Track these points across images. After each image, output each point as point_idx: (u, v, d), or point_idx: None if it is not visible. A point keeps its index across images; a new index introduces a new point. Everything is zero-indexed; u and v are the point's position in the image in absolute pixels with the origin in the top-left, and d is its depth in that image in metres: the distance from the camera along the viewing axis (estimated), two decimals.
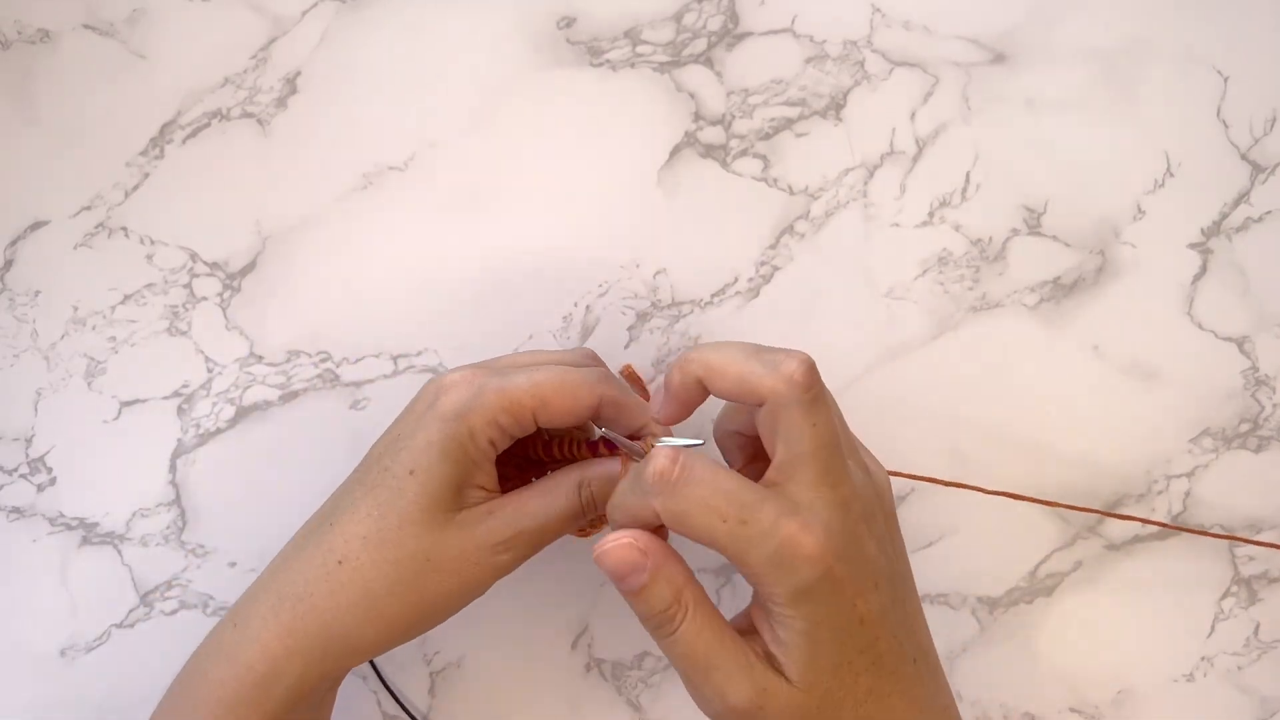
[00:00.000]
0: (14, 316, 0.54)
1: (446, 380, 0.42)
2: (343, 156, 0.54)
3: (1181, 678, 0.53)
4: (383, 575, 0.40)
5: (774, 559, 0.37)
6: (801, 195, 0.55)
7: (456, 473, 0.41)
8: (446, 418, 0.41)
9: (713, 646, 0.38)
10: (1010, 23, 0.55)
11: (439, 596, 0.42)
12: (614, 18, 0.55)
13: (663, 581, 0.38)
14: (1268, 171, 0.55)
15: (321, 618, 0.40)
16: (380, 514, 0.41)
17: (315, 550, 0.41)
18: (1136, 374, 0.54)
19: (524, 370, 0.42)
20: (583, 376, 0.42)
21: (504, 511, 0.42)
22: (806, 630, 0.38)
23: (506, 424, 0.41)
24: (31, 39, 0.54)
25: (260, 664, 0.40)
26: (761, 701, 0.38)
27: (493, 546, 0.42)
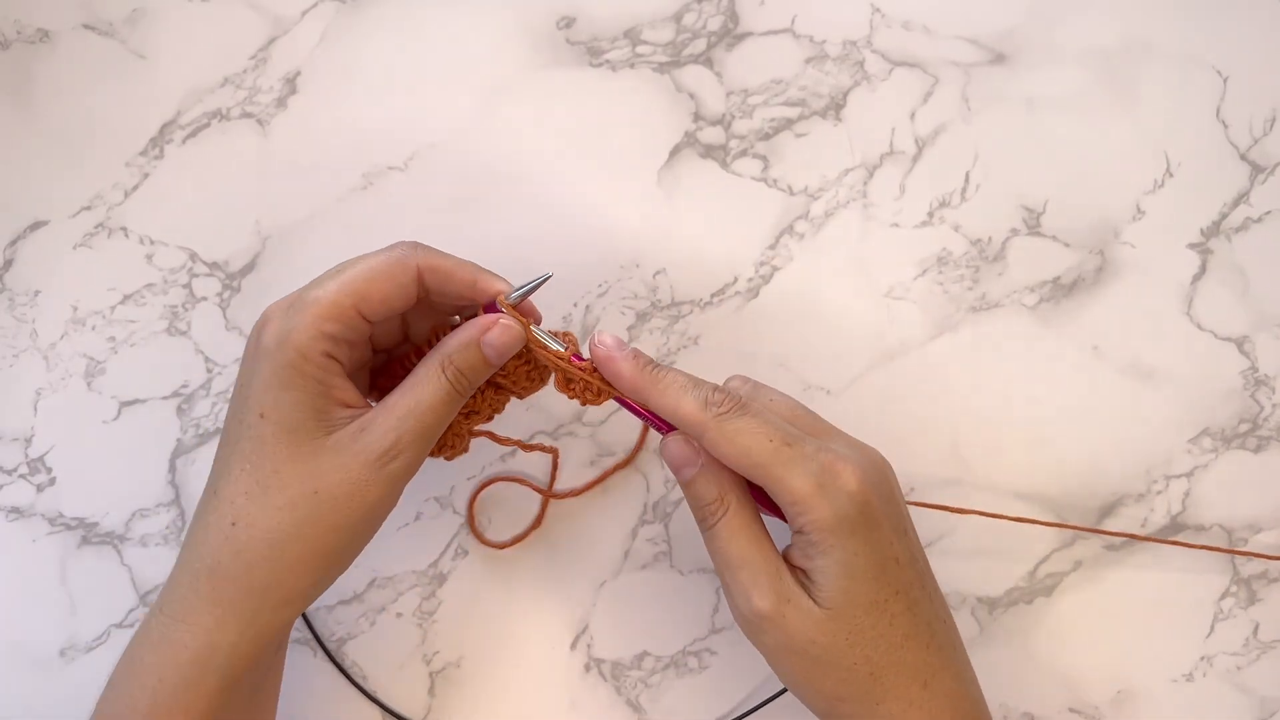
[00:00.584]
0: (14, 316, 0.54)
1: (264, 313, 0.41)
2: (343, 156, 0.54)
3: (1181, 678, 0.53)
4: (278, 522, 0.40)
5: (818, 482, 0.39)
6: (801, 195, 0.55)
7: (306, 398, 0.40)
8: (271, 350, 0.40)
9: (746, 548, 0.41)
10: (1010, 23, 0.55)
11: (345, 525, 0.40)
12: (614, 18, 0.55)
13: (708, 478, 0.42)
14: (1267, 172, 0.55)
15: (237, 581, 0.40)
16: (252, 465, 0.40)
17: (210, 520, 0.40)
18: (1136, 374, 0.54)
19: (334, 274, 0.41)
20: (392, 256, 0.41)
21: (376, 422, 0.41)
22: (843, 560, 0.39)
23: (333, 330, 0.40)
24: (31, 39, 0.54)
25: (192, 640, 0.40)
26: (784, 610, 0.40)
27: (377, 459, 0.40)
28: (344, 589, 0.53)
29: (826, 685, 0.40)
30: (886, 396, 0.54)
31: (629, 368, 0.42)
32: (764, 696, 0.53)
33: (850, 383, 0.54)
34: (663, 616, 0.53)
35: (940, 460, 0.54)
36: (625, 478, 0.54)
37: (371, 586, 0.53)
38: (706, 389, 0.41)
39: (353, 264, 0.42)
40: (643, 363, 0.42)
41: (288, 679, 0.53)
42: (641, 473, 0.54)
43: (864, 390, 0.54)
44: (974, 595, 0.54)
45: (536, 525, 0.53)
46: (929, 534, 0.53)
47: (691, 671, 0.53)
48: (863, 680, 0.40)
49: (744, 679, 0.53)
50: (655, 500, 0.54)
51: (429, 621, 0.53)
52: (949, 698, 0.41)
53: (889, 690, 0.40)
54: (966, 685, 0.43)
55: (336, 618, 0.53)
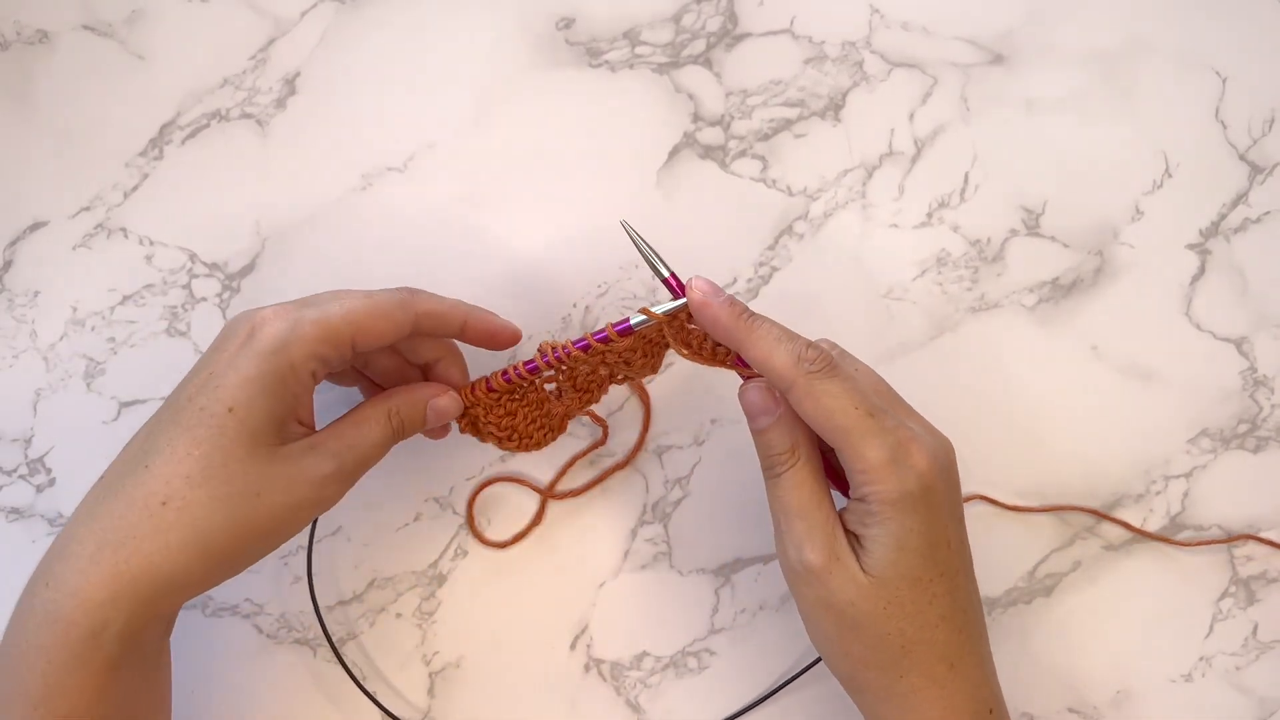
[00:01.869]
0: (13, 317, 0.54)
1: (260, 316, 0.42)
2: (343, 156, 0.54)
3: (1180, 678, 0.53)
4: (213, 512, 0.40)
5: (891, 456, 0.40)
6: (800, 196, 0.55)
7: (278, 407, 0.41)
8: (264, 353, 0.40)
9: (807, 501, 0.42)
10: (1009, 23, 0.55)
11: (270, 531, 0.41)
12: (613, 19, 0.55)
13: (784, 429, 0.43)
14: (1266, 172, 0.55)
15: (148, 559, 0.39)
16: (202, 452, 0.40)
17: (134, 493, 0.40)
18: (1135, 374, 0.54)
19: (336, 299, 0.43)
20: (394, 297, 0.43)
21: (325, 446, 0.42)
22: (899, 535, 0.40)
23: (327, 354, 0.42)
24: (31, 39, 0.54)
25: (84, 618, 0.39)
26: (832, 568, 0.41)
27: (319, 482, 0.42)
28: (344, 589, 0.53)
29: (856, 649, 0.42)
30: None
31: (725, 314, 0.42)
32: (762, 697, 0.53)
33: None
34: (662, 617, 0.53)
35: None
36: (625, 478, 0.54)
37: (371, 587, 0.53)
38: (800, 344, 0.42)
39: (357, 295, 0.43)
40: (739, 310, 0.42)
41: (288, 679, 0.53)
42: (641, 473, 0.54)
43: None
44: None
45: (536, 523, 0.53)
46: None
47: (691, 672, 0.53)
48: (892, 651, 0.41)
49: (744, 679, 0.53)
50: (655, 500, 0.54)
51: (429, 621, 0.53)
52: (970, 682, 0.42)
53: (915, 665, 0.41)
54: (988, 674, 0.43)
55: (336, 618, 0.53)
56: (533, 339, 0.54)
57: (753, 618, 0.53)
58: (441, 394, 0.46)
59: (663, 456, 0.54)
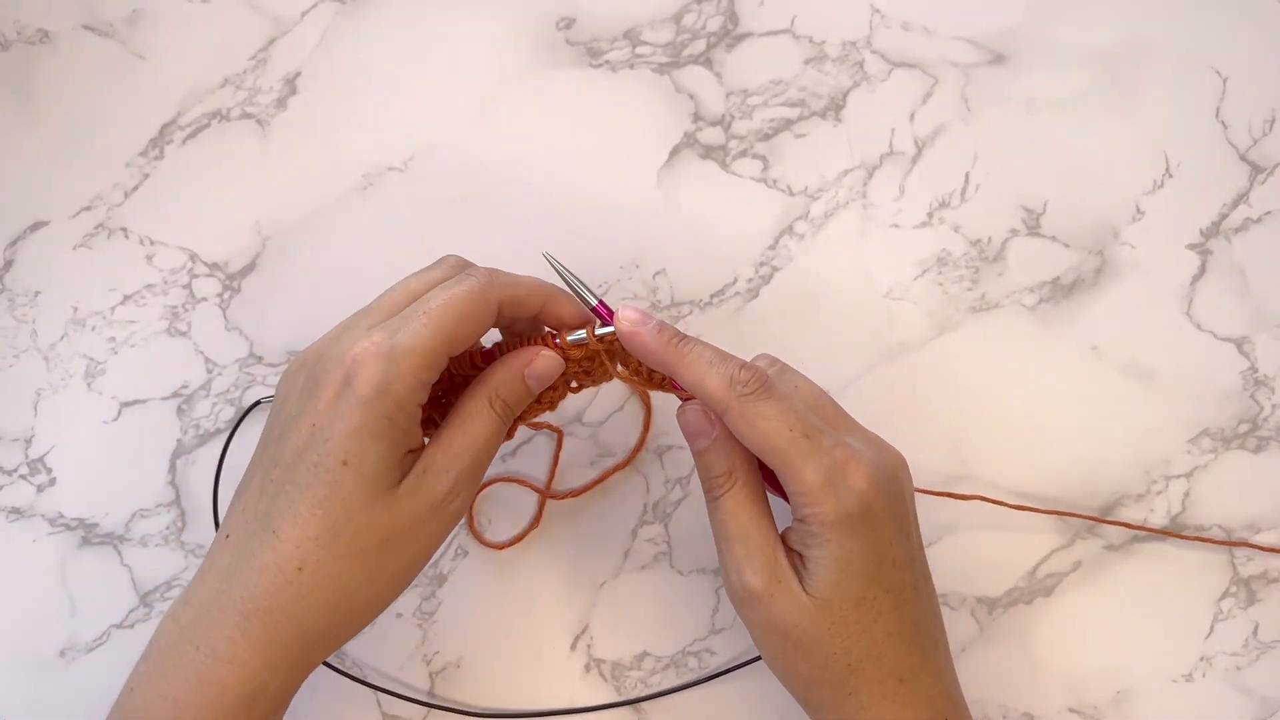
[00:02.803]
0: (14, 317, 0.54)
1: (351, 357, 0.39)
2: (343, 156, 0.54)
3: (1180, 678, 0.53)
4: (348, 570, 0.39)
5: (828, 477, 0.40)
6: (801, 196, 0.55)
7: (391, 449, 0.39)
8: (368, 399, 0.39)
9: (747, 524, 0.41)
10: (1010, 23, 0.55)
11: (407, 568, 0.41)
12: (614, 18, 0.55)
13: (721, 452, 0.42)
14: (1266, 172, 0.55)
15: (296, 625, 0.39)
16: (325, 511, 0.39)
17: (266, 560, 0.39)
18: (1135, 374, 0.54)
19: (418, 315, 0.40)
20: (473, 291, 0.41)
21: (435, 464, 0.41)
22: (840, 555, 0.40)
23: (429, 378, 0.40)
24: (31, 39, 0.54)
25: (240, 684, 0.39)
26: (774, 590, 0.40)
27: (442, 501, 0.41)
28: None
29: (803, 668, 0.41)
30: (886, 397, 0.54)
31: (654, 341, 0.42)
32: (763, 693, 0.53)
33: (850, 383, 0.54)
34: (663, 617, 0.53)
35: (940, 460, 0.54)
36: (625, 478, 0.54)
37: None
38: (733, 365, 0.41)
39: (435, 303, 0.40)
40: (667, 336, 0.42)
41: None
42: (641, 473, 0.54)
43: (864, 391, 0.54)
44: (974, 595, 0.54)
45: (535, 525, 0.53)
46: (929, 535, 0.53)
47: (691, 671, 0.53)
48: (839, 670, 0.41)
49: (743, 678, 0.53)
50: (655, 500, 0.54)
51: (429, 621, 0.53)
52: (924, 694, 0.42)
53: (863, 683, 0.41)
54: (945, 684, 0.43)
55: None
56: None
57: None
58: (532, 356, 0.43)
59: (663, 456, 0.54)
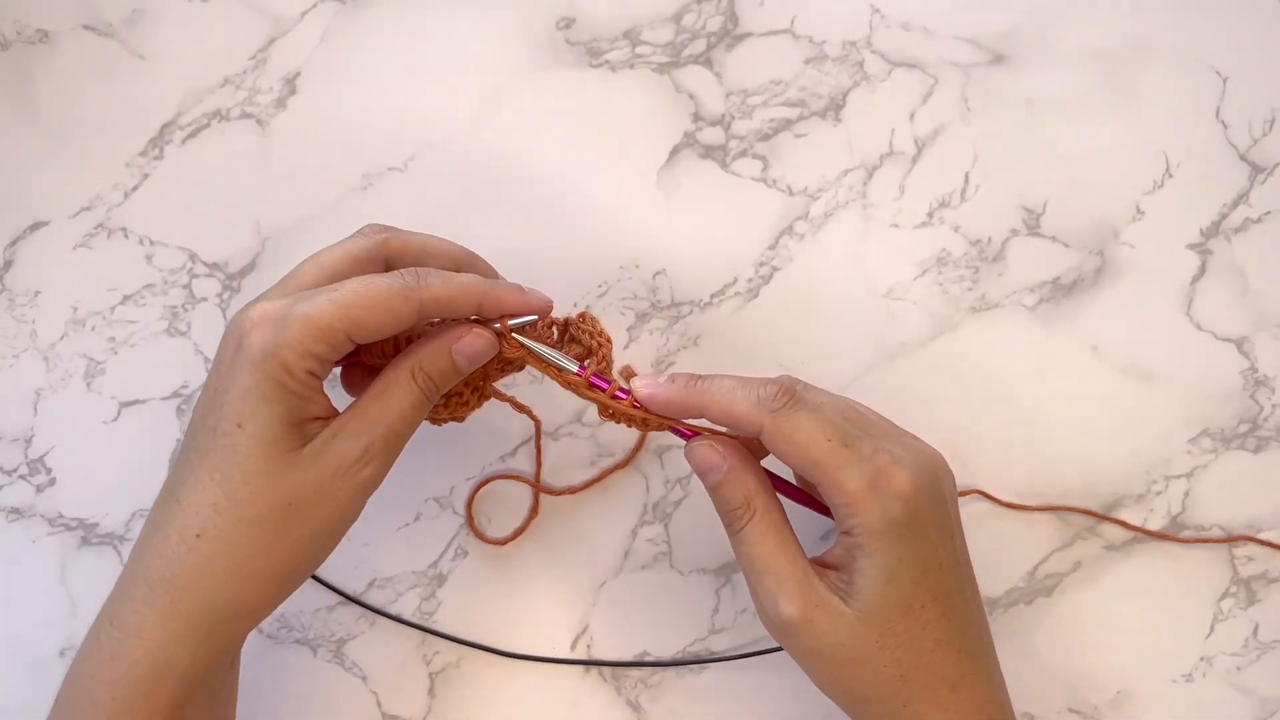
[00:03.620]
0: (14, 317, 0.54)
1: (248, 319, 0.39)
2: (343, 156, 0.54)
3: (1181, 678, 0.53)
4: (246, 536, 0.38)
5: (870, 484, 0.39)
6: (801, 196, 0.55)
7: (285, 411, 0.39)
8: (256, 360, 0.38)
9: (772, 553, 0.40)
10: (1010, 23, 0.55)
11: (313, 537, 0.40)
12: (614, 18, 0.55)
13: (735, 483, 0.41)
14: (1267, 172, 0.55)
15: (197, 594, 0.39)
16: (222, 476, 0.38)
17: (170, 528, 0.39)
18: (1135, 374, 0.54)
19: (328, 291, 0.39)
20: (394, 286, 0.40)
21: (346, 429, 0.40)
22: (886, 563, 0.39)
23: (321, 351, 0.39)
24: (31, 39, 0.54)
25: (145, 656, 0.39)
26: (812, 616, 0.40)
27: (349, 468, 0.39)
28: (344, 589, 0.53)
29: (855, 686, 0.41)
30: (886, 397, 0.54)
31: (674, 392, 0.41)
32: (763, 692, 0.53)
33: (850, 383, 0.54)
34: (663, 617, 0.53)
35: None
36: (625, 478, 0.54)
37: (371, 587, 0.53)
38: (756, 385, 0.41)
39: (350, 285, 0.40)
40: (683, 381, 0.42)
41: (287, 679, 0.53)
42: (641, 473, 0.54)
43: (864, 391, 0.54)
44: None
45: (533, 516, 0.53)
46: None
47: (691, 671, 0.53)
48: (891, 682, 0.40)
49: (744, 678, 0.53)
50: (655, 501, 0.54)
51: (429, 621, 0.53)
52: (976, 701, 0.41)
53: (916, 693, 0.40)
54: (995, 690, 0.43)
55: (337, 618, 0.53)
56: None
57: (753, 618, 0.53)
58: (463, 333, 0.42)
59: (663, 456, 0.54)
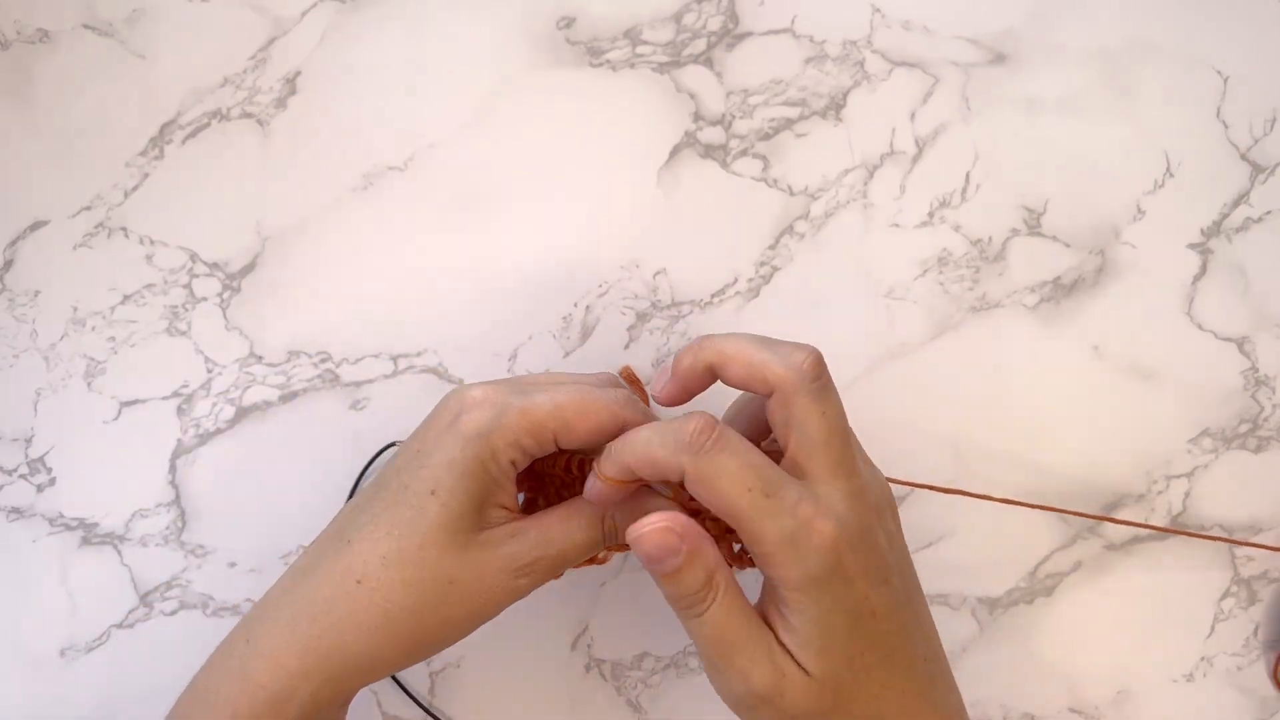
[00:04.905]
0: (14, 316, 0.54)
1: (469, 398, 0.41)
2: (343, 156, 0.54)
3: (1181, 678, 0.53)
4: (403, 597, 0.40)
5: (790, 539, 0.37)
6: (801, 195, 0.55)
7: (478, 492, 0.40)
8: (469, 437, 0.40)
9: (739, 629, 0.39)
10: (1010, 23, 0.55)
11: (457, 618, 0.41)
12: (614, 18, 0.55)
13: (697, 565, 0.38)
14: (1267, 172, 0.55)
15: (339, 637, 0.40)
16: (400, 533, 0.40)
17: (333, 567, 0.40)
18: (1136, 374, 0.54)
19: (546, 390, 0.41)
20: (605, 399, 0.41)
21: (527, 535, 0.41)
22: (818, 618, 0.38)
23: (529, 445, 0.41)
24: (31, 39, 0.54)
25: (273, 682, 0.40)
26: (781, 686, 0.38)
27: (514, 570, 0.41)
28: None
29: None
30: (887, 397, 0.54)
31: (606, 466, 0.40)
32: None
33: (850, 383, 0.54)
34: (663, 617, 0.53)
35: (940, 460, 0.54)
36: None
37: None
38: (674, 428, 0.38)
39: (568, 389, 0.41)
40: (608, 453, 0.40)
41: None
42: None
43: (864, 391, 0.54)
44: (974, 595, 0.54)
45: None
46: (930, 535, 0.53)
47: (692, 671, 0.53)
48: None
49: None
50: None
51: None
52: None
53: None
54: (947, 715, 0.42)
55: None
56: (533, 338, 0.54)
57: None
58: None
59: None
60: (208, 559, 0.53)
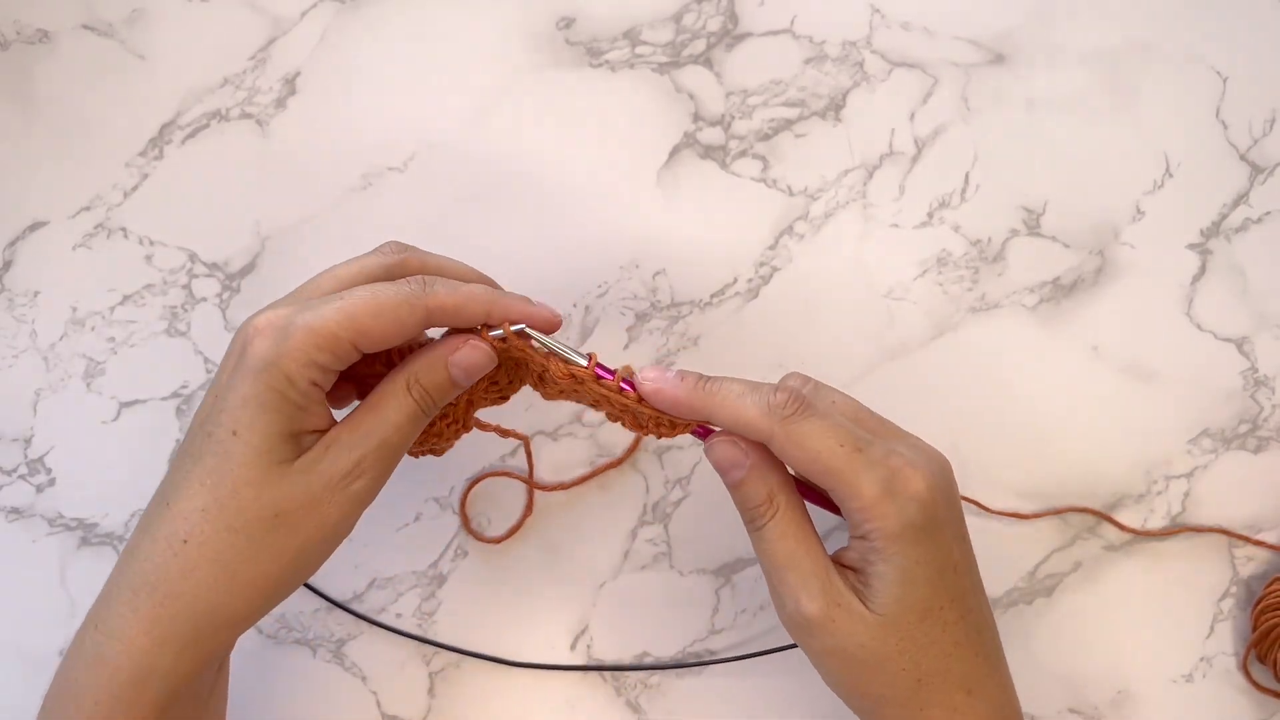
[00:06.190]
0: (13, 317, 0.54)
1: (252, 326, 0.39)
2: (342, 157, 0.54)
3: (1181, 678, 0.53)
4: (231, 544, 0.38)
5: (886, 488, 0.38)
6: (801, 196, 0.55)
7: (282, 422, 0.38)
8: (257, 369, 0.38)
9: (795, 550, 0.40)
10: (1010, 23, 0.55)
11: (301, 548, 0.39)
12: (613, 18, 0.55)
13: (758, 480, 0.40)
14: (1267, 172, 0.55)
15: (182, 601, 0.38)
16: (213, 482, 0.38)
17: (159, 533, 0.38)
18: (1136, 374, 0.54)
19: (332, 300, 0.39)
20: (400, 294, 0.39)
21: (339, 441, 0.39)
22: (905, 567, 0.39)
23: (325, 361, 0.38)
24: (31, 39, 0.54)
25: (128, 661, 0.38)
26: (833, 615, 0.39)
27: (340, 480, 0.39)
28: (344, 590, 0.53)
29: (872, 688, 0.40)
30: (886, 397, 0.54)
31: (682, 390, 0.41)
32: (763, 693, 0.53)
33: (850, 383, 0.54)
34: (662, 617, 0.53)
35: None
36: (625, 478, 0.54)
37: (372, 587, 0.53)
38: (766, 391, 0.40)
39: (356, 294, 0.39)
40: (692, 382, 0.41)
41: (287, 680, 0.53)
42: (641, 473, 0.54)
43: (864, 391, 0.54)
44: None
45: (528, 514, 0.53)
46: None
47: (691, 672, 0.53)
48: (908, 685, 0.40)
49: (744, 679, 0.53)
50: (655, 501, 0.54)
51: (429, 621, 0.53)
52: (991, 704, 0.41)
53: (933, 696, 0.40)
54: (1008, 694, 0.43)
55: (336, 618, 0.53)
56: None
57: (753, 618, 0.53)
58: (461, 344, 0.40)
59: (663, 456, 0.54)
60: None
